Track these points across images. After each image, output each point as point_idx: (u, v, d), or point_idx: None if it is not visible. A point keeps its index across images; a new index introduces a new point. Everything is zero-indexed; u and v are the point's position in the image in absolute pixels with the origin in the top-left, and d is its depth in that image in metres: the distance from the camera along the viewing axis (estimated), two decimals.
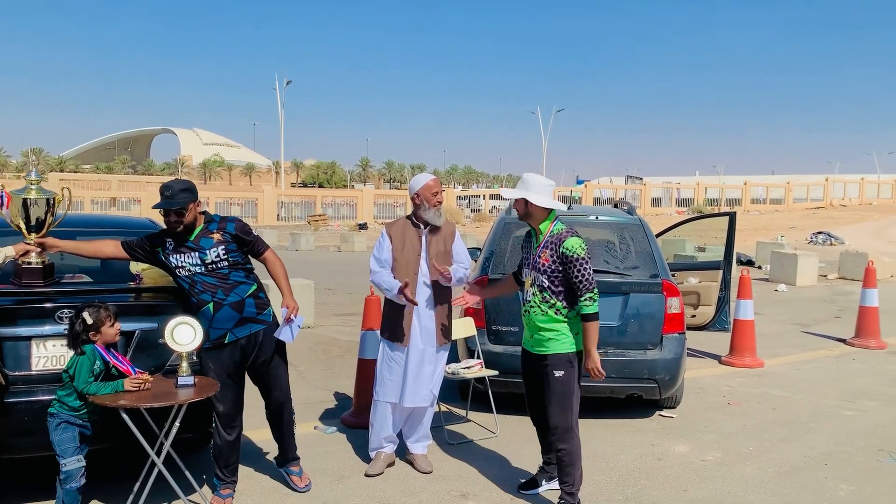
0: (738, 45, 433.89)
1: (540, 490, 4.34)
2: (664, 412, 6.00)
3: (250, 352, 4.08)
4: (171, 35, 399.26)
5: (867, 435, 5.55)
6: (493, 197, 52.50)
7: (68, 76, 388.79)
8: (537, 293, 4.03)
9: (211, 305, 3.96)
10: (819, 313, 11.72)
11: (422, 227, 4.57)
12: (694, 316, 7.78)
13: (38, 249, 3.97)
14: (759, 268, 17.88)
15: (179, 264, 3.98)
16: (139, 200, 40.78)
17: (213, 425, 4.08)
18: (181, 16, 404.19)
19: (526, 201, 4.01)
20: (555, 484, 4.26)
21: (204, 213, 4.10)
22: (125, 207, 40.34)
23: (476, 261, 6.63)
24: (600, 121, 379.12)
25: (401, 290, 4.39)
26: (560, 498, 4.01)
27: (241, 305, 4.01)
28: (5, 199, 4.10)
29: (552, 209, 4.05)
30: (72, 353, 3.62)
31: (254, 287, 4.10)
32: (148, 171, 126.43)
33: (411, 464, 4.69)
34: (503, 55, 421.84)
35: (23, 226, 3.98)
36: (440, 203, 4.56)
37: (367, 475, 4.55)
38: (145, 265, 4.36)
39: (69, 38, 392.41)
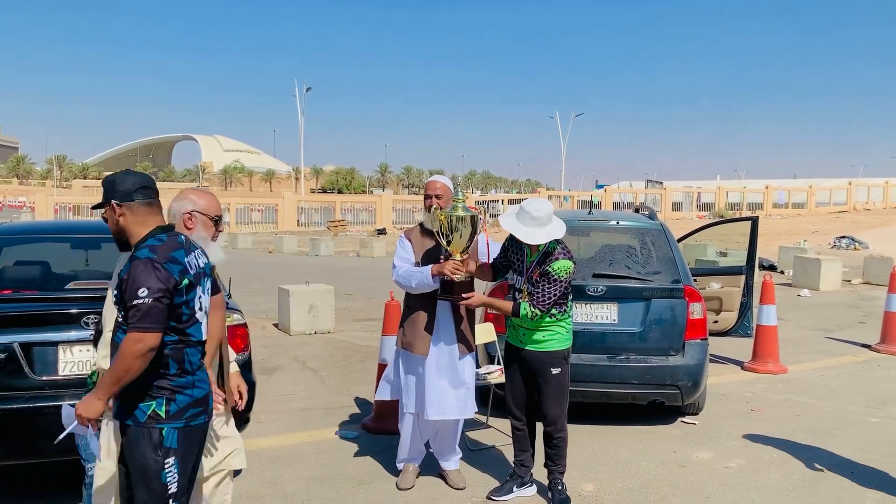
0: (759, 48, 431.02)
1: (512, 496, 4.32)
2: (686, 418, 5.96)
3: None
4: (193, 42, 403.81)
5: (893, 442, 5.48)
6: (511, 202, 52.47)
7: (92, 85, 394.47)
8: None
9: None
10: (843, 319, 11.58)
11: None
12: (716, 321, 7.73)
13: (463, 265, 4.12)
14: (782, 273, 17.70)
15: None
16: None
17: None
18: (201, 23, 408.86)
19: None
20: (527, 490, 4.35)
21: (161, 227, 2.72)
22: None
23: None
24: (620, 125, 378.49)
25: (439, 271, 4.11)
26: (553, 478, 4.26)
27: None
28: None
29: None
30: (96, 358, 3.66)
31: None
32: (169, 178, 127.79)
33: (443, 479, 4.57)
34: (521, 60, 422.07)
35: (447, 241, 4.10)
36: (431, 206, 4.29)
37: (399, 488, 4.45)
38: None
39: (95, 49, 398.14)
